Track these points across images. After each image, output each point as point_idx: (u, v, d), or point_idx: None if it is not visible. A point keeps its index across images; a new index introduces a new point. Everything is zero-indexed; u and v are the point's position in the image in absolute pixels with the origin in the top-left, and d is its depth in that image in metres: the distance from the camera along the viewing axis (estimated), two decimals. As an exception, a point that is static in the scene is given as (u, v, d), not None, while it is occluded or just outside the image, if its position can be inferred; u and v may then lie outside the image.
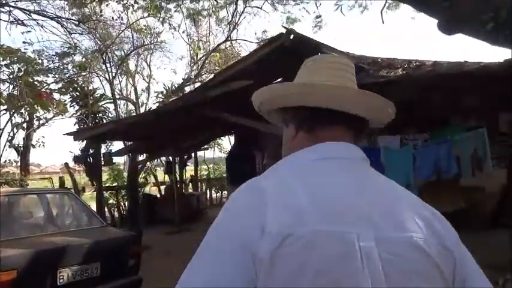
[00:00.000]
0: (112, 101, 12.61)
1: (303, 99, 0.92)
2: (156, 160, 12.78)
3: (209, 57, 14.57)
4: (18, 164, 11.93)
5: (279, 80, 8.50)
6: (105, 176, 12.65)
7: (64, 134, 8.44)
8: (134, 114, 13.71)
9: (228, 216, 0.80)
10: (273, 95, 0.98)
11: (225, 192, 16.38)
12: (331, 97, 0.90)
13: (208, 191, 15.53)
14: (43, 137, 12.53)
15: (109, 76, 13.20)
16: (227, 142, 18.53)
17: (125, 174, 12.24)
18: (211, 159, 20.13)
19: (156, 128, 9.01)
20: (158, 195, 12.87)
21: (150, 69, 16.98)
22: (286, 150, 0.99)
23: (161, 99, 14.41)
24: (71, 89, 10.99)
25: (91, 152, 8.60)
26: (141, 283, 4.66)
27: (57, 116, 11.15)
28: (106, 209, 11.57)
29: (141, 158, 12.33)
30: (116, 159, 11.88)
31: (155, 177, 13.49)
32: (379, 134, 7.81)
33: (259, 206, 0.75)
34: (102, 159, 8.75)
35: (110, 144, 12.48)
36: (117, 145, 12.92)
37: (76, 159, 9.20)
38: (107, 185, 11.87)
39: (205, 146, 14.81)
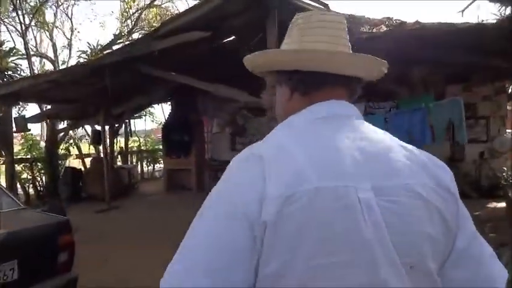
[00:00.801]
0: (25, 57, 10.46)
1: (299, 65, 0.92)
2: (80, 129, 11.11)
3: (144, 12, 12.79)
4: None
5: (232, 37, 7.48)
6: (16, 147, 10.80)
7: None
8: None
9: (227, 187, 0.80)
10: (267, 61, 0.99)
11: (158, 165, 15.17)
12: (329, 63, 0.90)
13: (139, 164, 14.14)
14: None
15: (21, 27, 10.90)
16: (160, 111, 16.95)
17: (42, 144, 10.48)
18: (143, 131, 18.48)
19: (84, 89, 7.56)
20: (83, 169, 11.29)
21: (72, 23, 14.25)
22: (280, 110, 1.00)
23: (85, 60, 12.47)
24: (-30, 39, 8.82)
25: (-1, 115, 6.93)
26: (77, 282, 3.55)
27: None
28: (19, 185, 9.87)
29: (61, 125, 10.62)
30: (30, 127, 10.13)
31: (79, 148, 11.80)
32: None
33: (258, 174, 0.76)
34: (14, 124, 7.11)
35: (22, 108, 10.60)
36: (32, 110, 10.92)
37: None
38: (19, 156, 10.07)
39: (137, 115, 13.33)
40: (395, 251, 0.74)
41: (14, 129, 7.16)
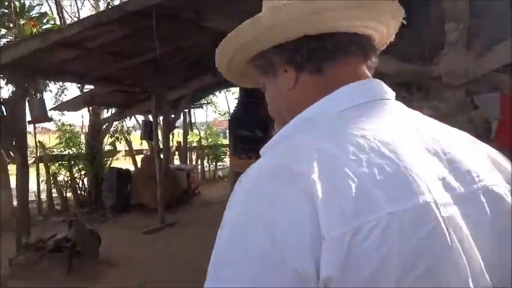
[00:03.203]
0: (58, 25, 8.39)
1: (307, 24, 0.65)
2: (129, 119, 8.99)
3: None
4: None
5: None
6: (53, 141, 8.89)
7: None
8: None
9: (257, 222, 0.52)
10: (262, 28, 0.67)
11: (221, 164, 12.92)
12: (348, 14, 0.65)
13: (200, 162, 11.88)
14: None
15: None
16: (223, 100, 14.45)
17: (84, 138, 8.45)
18: (204, 123, 16.17)
19: (124, 61, 5.25)
20: (133, 169, 9.18)
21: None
22: (281, 105, 0.73)
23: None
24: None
25: (3, 97, 4.76)
26: None
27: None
28: (54, 189, 7.89)
29: (107, 114, 8.54)
30: (70, 117, 8.10)
31: (128, 143, 9.73)
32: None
33: (302, 202, 0.51)
34: (28, 111, 4.97)
35: (60, 91, 8.64)
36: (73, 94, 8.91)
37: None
38: (55, 153, 8.09)
39: (197, 104, 11.05)
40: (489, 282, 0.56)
41: (29, 116, 4.98)
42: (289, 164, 0.55)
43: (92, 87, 7.42)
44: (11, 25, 6.78)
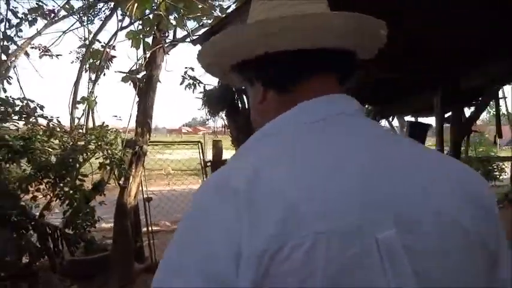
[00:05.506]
0: None
1: (263, 44, 0.67)
2: (391, 119, 6.93)
3: None
4: (133, 115, 5.14)
5: None
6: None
7: (191, 41, 3.43)
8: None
9: (190, 234, 0.58)
10: (221, 49, 0.72)
11: (494, 183, 9.70)
12: (302, 33, 0.66)
13: None
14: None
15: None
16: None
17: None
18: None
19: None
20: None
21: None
22: (256, 117, 0.77)
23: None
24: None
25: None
26: None
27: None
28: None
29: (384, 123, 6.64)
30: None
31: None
32: None
33: (231, 218, 0.54)
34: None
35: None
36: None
37: (208, 101, 3.73)
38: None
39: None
40: None
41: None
42: (227, 180, 0.57)
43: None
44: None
